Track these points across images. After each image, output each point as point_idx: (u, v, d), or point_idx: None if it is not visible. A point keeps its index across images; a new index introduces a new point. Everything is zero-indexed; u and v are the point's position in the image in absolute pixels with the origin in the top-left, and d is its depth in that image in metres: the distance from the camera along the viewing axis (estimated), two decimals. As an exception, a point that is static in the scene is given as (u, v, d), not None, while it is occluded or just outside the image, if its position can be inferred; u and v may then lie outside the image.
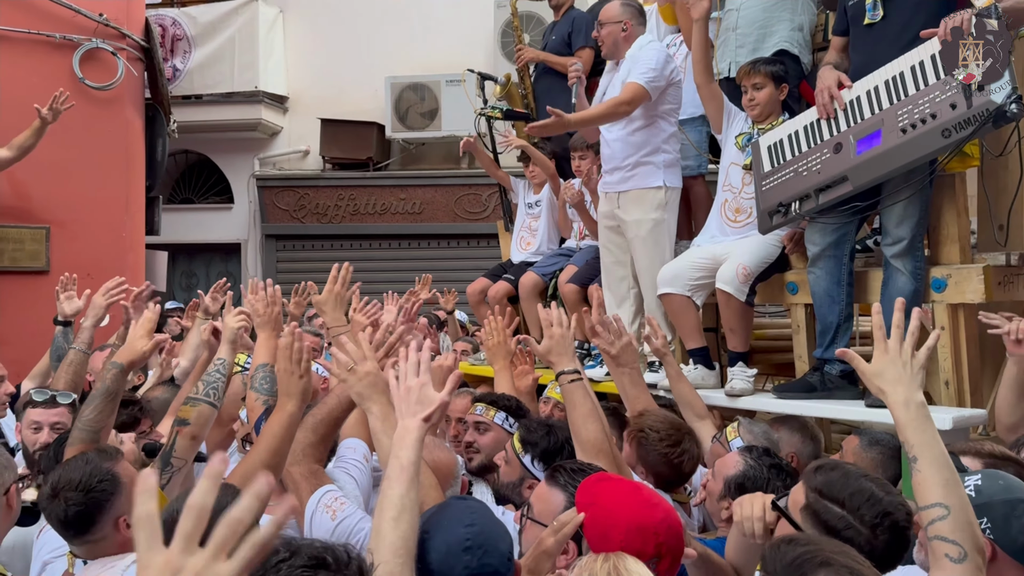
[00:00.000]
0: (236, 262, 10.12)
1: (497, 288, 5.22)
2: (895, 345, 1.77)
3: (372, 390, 2.18)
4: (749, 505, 2.08)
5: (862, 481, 1.85)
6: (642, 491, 1.88)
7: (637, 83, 3.98)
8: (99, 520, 2.08)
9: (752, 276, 3.70)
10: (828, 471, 1.92)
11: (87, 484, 2.07)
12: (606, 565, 1.50)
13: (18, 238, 5.86)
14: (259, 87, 9.42)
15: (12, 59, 5.86)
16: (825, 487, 1.87)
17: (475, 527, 1.69)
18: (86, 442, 2.42)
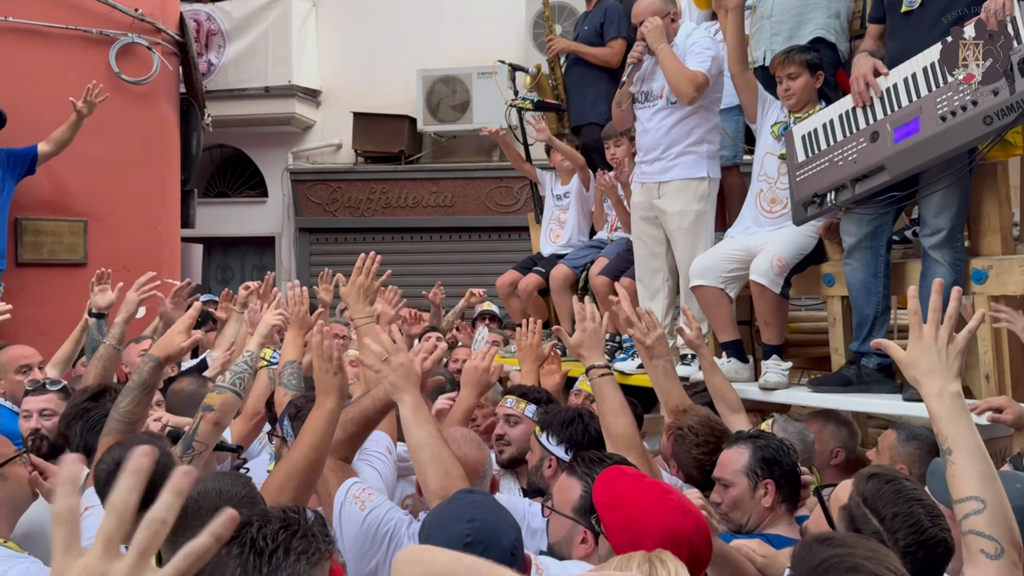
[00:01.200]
0: (270, 255, 10.20)
1: (528, 281, 5.21)
2: (931, 331, 1.69)
3: (405, 381, 2.23)
4: None
5: (912, 504, 1.77)
6: (672, 496, 1.84)
7: (701, 73, 3.92)
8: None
9: (787, 268, 3.65)
10: (882, 481, 1.84)
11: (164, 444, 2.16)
12: (645, 566, 1.46)
13: (56, 231, 5.95)
14: (292, 81, 9.46)
15: (50, 55, 5.94)
16: (872, 496, 1.81)
17: (476, 522, 1.68)
18: (121, 432, 2.44)
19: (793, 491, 2.50)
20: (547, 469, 2.67)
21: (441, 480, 2.11)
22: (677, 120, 4.07)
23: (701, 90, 3.94)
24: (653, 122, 4.14)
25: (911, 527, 1.74)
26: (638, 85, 4.22)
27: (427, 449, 2.16)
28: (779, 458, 2.48)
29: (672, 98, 4.05)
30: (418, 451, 2.18)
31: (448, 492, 2.07)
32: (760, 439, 2.54)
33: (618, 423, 2.49)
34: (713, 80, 3.99)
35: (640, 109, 4.24)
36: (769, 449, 2.49)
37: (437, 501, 2.09)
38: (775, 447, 2.50)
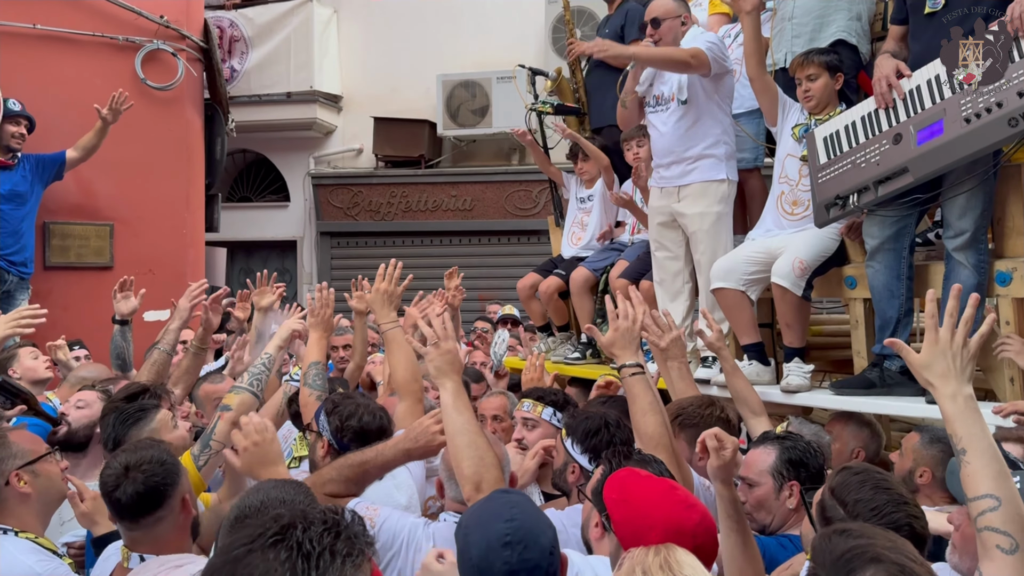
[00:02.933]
0: (292, 259, 10.29)
1: (548, 283, 5.21)
2: (946, 335, 1.73)
3: (450, 367, 2.35)
4: None
5: (877, 492, 1.84)
6: (677, 491, 1.86)
7: (699, 48, 3.92)
8: (169, 495, 2.15)
9: (809, 270, 3.64)
10: (850, 473, 1.93)
11: (160, 458, 2.15)
12: (657, 559, 1.48)
13: (83, 235, 6.04)
14: (314, 87, 9.55)
15: (77, 61, 6.04)
16: (838, 487, 1.89)
17: (515, 522, 1.69)
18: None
19: None
20: (571, 474, 2.67)
21: (476, 466, 2.17)
22: (691, 122, 4.05)
23: (699, 58, 3.91)
24: (667, 126, 4.13)
25: (872, 511, 1.81)
26: (645, 87, 4.22)
27: (464, 435, 2.23)
28: (806, 460, 2.48)
29: (683, 97, 4.04)
30: (455, 436, 2.25)
31: (481, 478, 2.13)
32: (788, 440, 2.55)
33: (648, 422, 2.50)
34: (714, 64, 3.96)
35: (652, 113, 4.24)
36: (796, 451, 2.50)
37: (470, 486, 2.15)
38: (802, 449, 2.50)
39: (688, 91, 4.04)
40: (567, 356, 5.05)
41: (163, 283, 4.04)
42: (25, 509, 2.36)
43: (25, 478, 2.35)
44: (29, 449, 2.40)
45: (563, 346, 5.26)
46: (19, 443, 2.39)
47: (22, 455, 2.37)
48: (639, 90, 4.26)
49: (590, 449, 2.59)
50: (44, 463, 2.41)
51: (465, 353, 4.86)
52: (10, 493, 2.33)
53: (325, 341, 3.38)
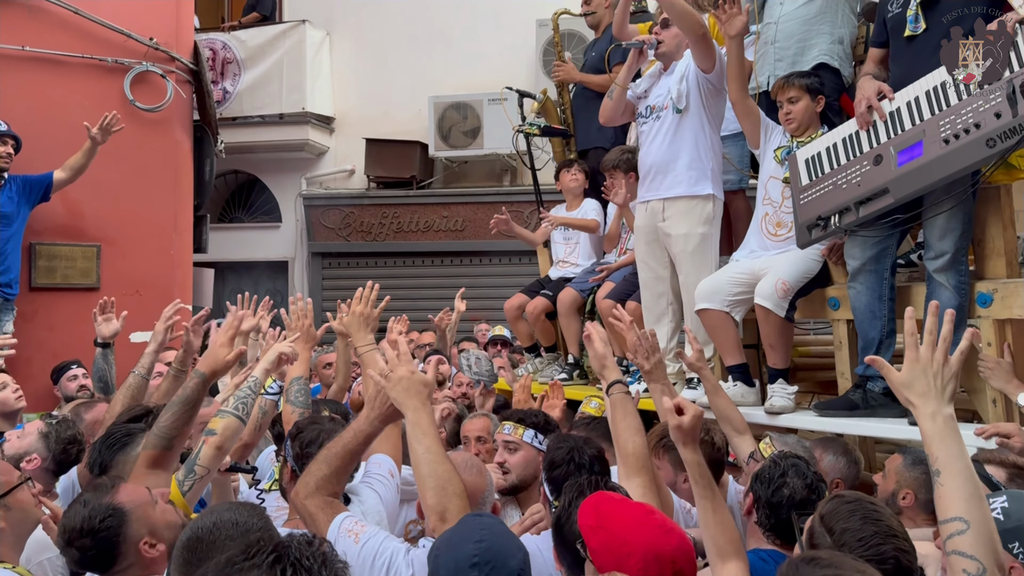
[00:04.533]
0: (283, 280, 10.27)
1: (535, 304, 5.22)
2: (926, 353, 1.72)
3: (405, 394, 2.24)
4: None
5: (866, 523, 1.81)
6: (654, 515, 1.84)
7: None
8: (120, 553, 2.09)
9: (792, 291, 3.64)
10: (842, 501, 1.91)
11: (90, 527, 2.06)
12: None
13: (70, 256, 6.01)
14: (306, 108, 9.58)
15: (66, 83, 6.04)
16: (828, 515, 1.87)
17: (483, 543, 1.69)
18: (159, 448, 2.43)
19: None
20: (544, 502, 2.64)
21: (438, 496, 2.10)
22: (682, 133, 4.06)
23: (709, 38, 3.92)
24: (658, 136, 4.14)
25: (859, 541, 1.77)
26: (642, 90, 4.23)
27: (425, 464, 2.16)
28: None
29: (680, 105, 4.05)
30: (417, 465, 2.18)
31: (445, 508, 2.07)
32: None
33: (634, 442, 2.48)
34: (716, 77, 3.99)
35: (644, 124, 4.25)
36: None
37: (434, 517, 2.09)
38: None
39: (687, 99, 4.05)
40: (554, 377, 5.03)
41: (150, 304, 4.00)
42: (0, 543, 2.29)
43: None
44: (2, 481, 2.31)
45: (550, 367, 5.25)
46: None
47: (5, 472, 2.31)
48: (631, 95, 4.26)
49: (551, 480, 2.53)
50: (17, 493, 2.33)
51: (451, 374, 4.83)
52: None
53: (308, 354, 3.34)
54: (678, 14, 3.87)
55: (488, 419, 3.69)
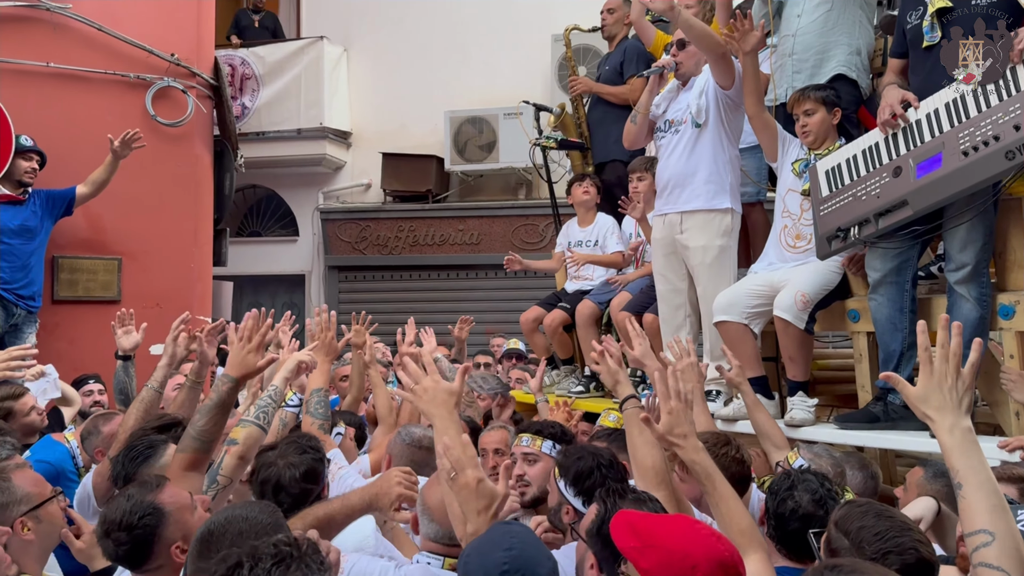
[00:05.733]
0: (300, 293, 10.33)
1: (553, 316, 5.22)
2: (940, 367, 1.73)
3: (432, 404, 2.24)
4: None
5: (879, 519, 1.83)
6: (700, 525, 1.83)
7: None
8: (153, 553, 2.11)
9: (811, 303, 3.63)
10: (853, 506, 1.93)
11: (129, 522, 2.08)
12: None
13: (92, 269, 6.08)
14: (324, 123, 9.66)
15: (89, 99, 6.13)
16: (841, 519, 1.88)
17: (513, 551, 1.68)
18: (197, 451, 2.45)
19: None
20: (565, 515, 2.63)
21: None
22: (701, 147, 4.06)
23: (728, 57, 3.93)
24: (677, 150, 4.14)
25: (875, 536, 1.79)
26: (661, 111, 4.25)
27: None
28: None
29: (700, 120, 4.06)
30: (452, 502, 2.18)
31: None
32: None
33: (652, 456, 2.47)
34: (735, 93, 3.99)
35: (662, 138, 4.26)
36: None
37: (462, 525, 2.08)
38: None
39: (707, 114, 4.06)
40: (571, 390, 5.03)
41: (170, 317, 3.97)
42: (26, 554, 2.30)
43: (29, 524, 2.29)
44: (34, 493, 2.33)
45: (567, 379, 5.25)
46: (23, 486, 2.32)
47: (27, 500, 2.30)
48: (653, 112, 4.28)
49: (583, 492, 2.54)
50: (48, 506, 2.35)
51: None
52: (12, 540, 2.25)
53: (328, 366, 3.36)
54: (697, 36, 3.89)
55: (506, 431, 3.69)
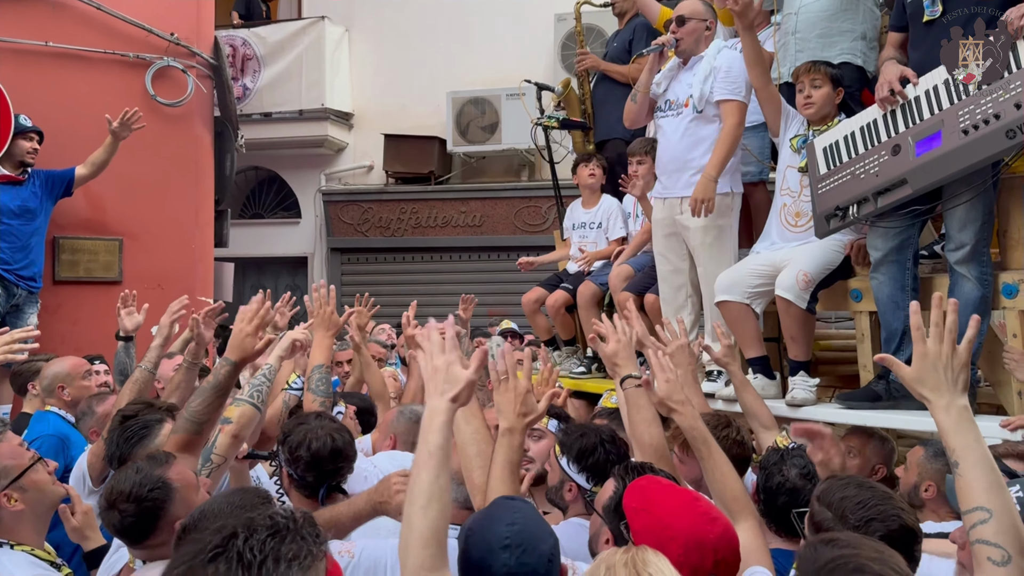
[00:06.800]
0: (303, 275, 10.34)
1: (555, 297, 5.21)
2: (935, 347, 1.72)
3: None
4: None
5: (862, 490, 1.84)
6: (700, 502, 1.85)
7: (739, 101, 3.98)
8: (156, 528, 2.10)
9: (813, 283, 3.61)
10: (833, 480, 1.95)
11: (137, 494, 2.08)
12: (624, 556, 1.47)
13: (92, 249, 6.08)
14: (325, 104, 9.63)
15: (88, 78, 6.10)
16: (823, 493, 1.89)
17: (516, 526, 1.68)
18: (190, 432, 2.45)
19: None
20: (568, 492, 2.64)
21: (485, 475, 2.19)
22: (701, 131, 4.04)
23: (743, 115, 4.01)
24: (677, 132, 4.12)
25: (858, 505, 1.80)
26: (662, 89, 4.21)
27: (473, 445, 2.26)
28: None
29: (699, 106, 4.04)
30: (464, 447, 2.27)
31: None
32: None
33: (650, 433, 2.50)
34: (748, 102, 4.02)
35: (662, 118, 4.24)
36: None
37: (480, 496, 2.15)
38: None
39: (706, 103, 4.04)
40: (572, 370, 5.03)
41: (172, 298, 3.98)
42: (20, 524, 2.32)
43: (15, 496, 2.30)
44: (12, 465, 2.33)
45: (569, 360, 5.24)
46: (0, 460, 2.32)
47: (5, 473, 2.30)
48: (653, 91, 4.25)
49: (588, 468, 2.56)
50: (31, 474, 2.35)
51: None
52: (3, 514, 2.28)
53: (329, 341, 3.33)
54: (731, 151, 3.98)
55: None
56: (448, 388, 1.72)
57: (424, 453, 1.64)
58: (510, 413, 2.29)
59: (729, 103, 3.98)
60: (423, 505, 1.56)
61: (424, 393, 3.97)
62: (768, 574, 1.97)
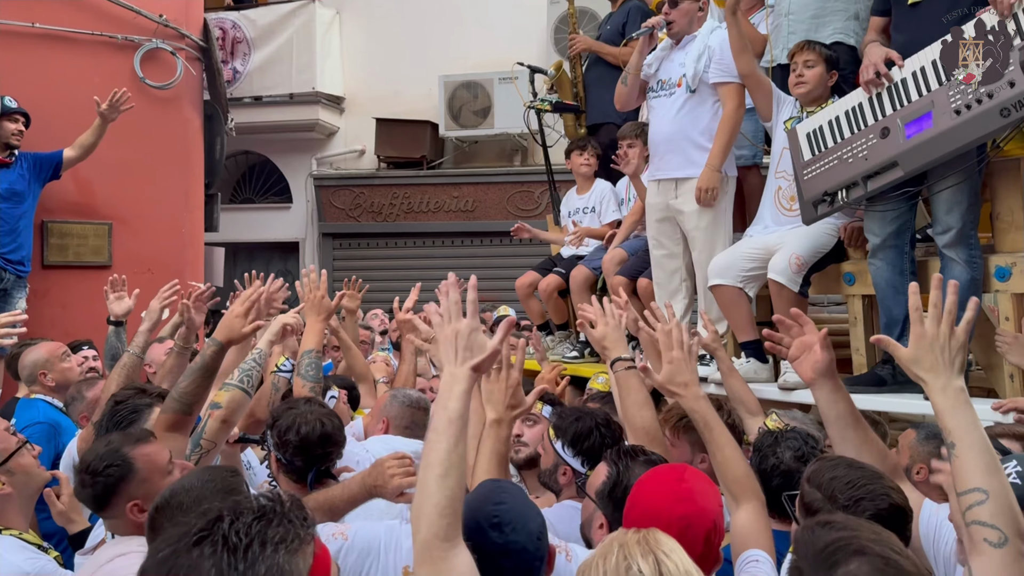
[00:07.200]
0: (294, 260, 10.29)
1: (548, 281, 5.20)
2: (932, 328, 1.71)
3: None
4: None
5: (851, 470, 1.83)
6: (685, 486, 1.85)
7: (737, 83, 3.94)
8: (111, 503, 2.12)
9: (806, 266, 3.60)
10: (823, 461, 1.94)
11: (95, 467, 2.10)
12: (636, 536, 1.46)
13: (82, 234, 6.02)
14: (316, 88, 9.56)
15: (76, 60, 6.03)
16: (813, 474, 1.88)
17: (504, 505, 1.69)
18: (178, 412, 2.44)
19: None
20: (562, 476, 2.65)
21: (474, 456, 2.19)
22: (694, 111, 4.02)
23: (742, 97, 3.98)
24: (670, 113, 4.09)
25: (847, 485, 1.79)
26: (653, 70, 4.18)
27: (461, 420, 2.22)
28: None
29: (692, 85, 4.01)
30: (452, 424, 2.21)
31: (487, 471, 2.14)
32: None
33: (642, 416, 2.50)
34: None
35: (655, 99, 4.21)
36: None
37: (468, 476, 2.12)
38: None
39: (701, 81, 4.01)
40: (565, 355, 5.02)
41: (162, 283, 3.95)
42: (8, 508, 2.33)
43: (2, 479, 2.31)
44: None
45: (561, 345, 5.24)
46: None
47: None
48: (644, 72, 4.22)
49: (582, 452, 2.59)
50: (18, 458, 2.37)
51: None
52: None
53: (320, 326, 3.31)
54: (733, 138, 3.98)
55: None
56: (469, 355, 1.63)
57: (443, 420, 1.56)
58: (499, 405, 2.30)
59: (727, 86, 3.95)
60: (440, 474, 1.50)
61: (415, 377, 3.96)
62: (763, 556, 1.96)
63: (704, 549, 1.74)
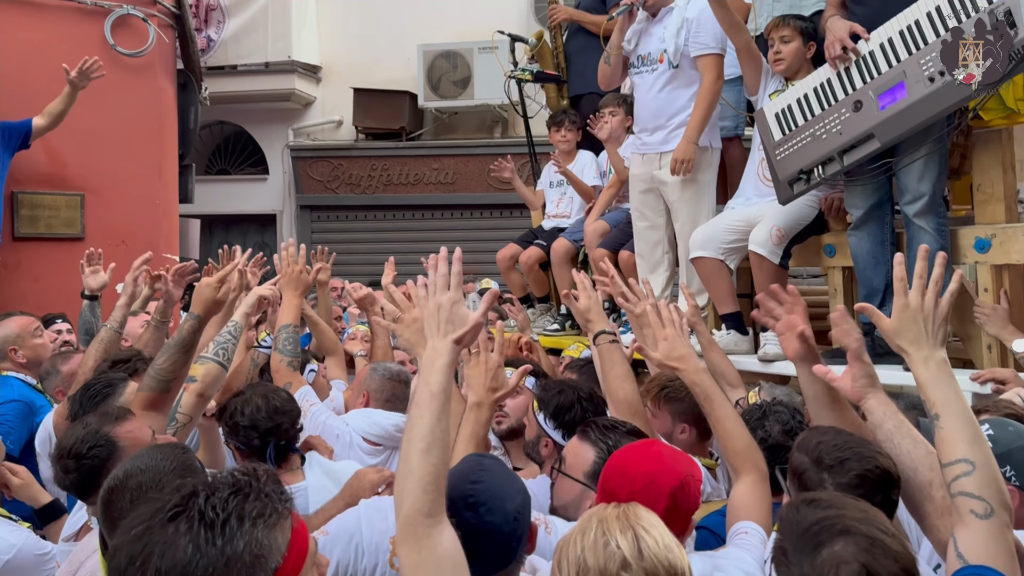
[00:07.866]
0: (271, 233, 10.18)
1: (529, 254, 5.17)
2: (916, 298, 1.70)
3: (419, 336, 2.14)
4: None
5: (839, 435, 1.82)
6: (666, 453, 1.86)
7: (715, 54, 3.91)
8: (97, 486, 2.01)
9: (786, 238, 3.60)
10: (812, 429, 1.93)
11: (78, 451, 2.03)
12: (616, 510, 1.44)
13: (53, 205, 5.90)
14: (292, 57, 9.41)
15: (44, 26, 5.87)
16: (802, 442, 1.87)
17: (481, 484, 1.65)
18: (156, 390, 2.40)
19: None
20: (543, 448, 2.64)
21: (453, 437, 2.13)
22: (677, 86, 3.99)
23: (721, 69, 3.94)
24: (653, 89, 4.06)
25: (835, 447, 1.77)
26: (632, 45, 4.14)
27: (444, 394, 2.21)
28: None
29: (674, 61, 3.97)
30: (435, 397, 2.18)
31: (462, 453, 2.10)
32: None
33: (625, 389, 2.49)
34: (725, 52, 3.96)
35: (637, 75, 4.17)
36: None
37: None
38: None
39: (683, 55, 3.97)
40: (546, 327, 5.01)
41: (136, 255, 3.88)
42: None
43: None
44: None
45: (543, 317, 5.22)
46: None
47: None
48: (624, 48, 4.18)
49: (563, 425, 2.56)
50: None
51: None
52: None
53: (298, 301, 3.29)
54: (711, 109, 3.95)
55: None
56: (451, 328, 1.61)
57: (426, 394, 1.53)
58: (480, 388, 2.29)
59: (705, 58, 3.92)
60: (423, 449, 1.47)
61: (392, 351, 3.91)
62: (754, 528, 1.96)
63: (669, 504, 1.73)
